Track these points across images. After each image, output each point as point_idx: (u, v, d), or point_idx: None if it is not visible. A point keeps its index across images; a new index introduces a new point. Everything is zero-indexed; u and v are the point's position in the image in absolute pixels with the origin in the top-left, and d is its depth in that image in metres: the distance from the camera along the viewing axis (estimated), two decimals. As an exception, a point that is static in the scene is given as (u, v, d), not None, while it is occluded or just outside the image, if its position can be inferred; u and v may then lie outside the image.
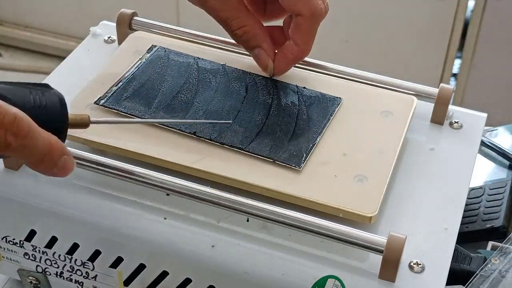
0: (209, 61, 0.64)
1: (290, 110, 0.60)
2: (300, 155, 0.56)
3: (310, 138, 0.57)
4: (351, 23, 1.71)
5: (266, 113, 0.59)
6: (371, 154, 0.57)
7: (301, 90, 0.62)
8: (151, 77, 0.62)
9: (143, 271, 0.55)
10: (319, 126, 0.59)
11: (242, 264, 0.52)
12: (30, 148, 0.46)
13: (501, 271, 0.59)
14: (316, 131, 0.58)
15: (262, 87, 0.62)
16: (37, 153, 0.46)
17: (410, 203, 0.56)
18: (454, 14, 1.63)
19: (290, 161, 0.55)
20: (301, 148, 0.56)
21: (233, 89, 0.61)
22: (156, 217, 0.54)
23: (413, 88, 0.64)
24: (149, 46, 0.65)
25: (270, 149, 0.56)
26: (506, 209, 0.67)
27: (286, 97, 0.61)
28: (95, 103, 0.60)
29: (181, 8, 1.82)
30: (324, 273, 0.51)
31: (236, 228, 0.54)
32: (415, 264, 0.52)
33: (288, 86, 0.62)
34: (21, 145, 0.45)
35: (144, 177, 0.54)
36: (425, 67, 1.72)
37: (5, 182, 0.57)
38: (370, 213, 0.52)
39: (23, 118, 0.45)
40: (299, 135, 0.58)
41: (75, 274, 0.58)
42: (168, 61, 0.64)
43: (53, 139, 0.47)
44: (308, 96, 0.61)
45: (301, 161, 0.55)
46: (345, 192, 0.54)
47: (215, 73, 0.63)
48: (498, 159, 0.73)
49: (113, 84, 0.61)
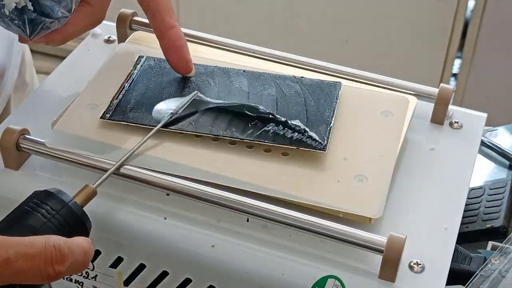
0: (200, 65, 0.64)
1: (297, 99, 0.60)
2: (321, 138, 0.56)
3: (325, 121, 0.58)
4: (351, 23, 1.71)
5: (275, 106, 0.59)
6: (371, 154, 0.57)
7: (300, 79, 0.62)
8: (149, 86, 0.61)
9: (143, 271, 0.55)
10: (330, 109, 0.59)
11: (242, 264, 0.52)
12: (75, 265, 0.46)
13: (501, 271, 0.59)
14: (329, 115, 0.59)
15: (262, 82, 0.62)
16: (81, 264, 0.47)
17: (410, 203, 0.56)
18: (454, 14, 1.63)
19: (315, 147, 0.56)
20: (320, 132, 0.57)
21: (234, 87, 0.61)
22: (156, 217, 0.54)
23: (413, 88, 0.64)
24: (136, 57, 0.64)
25: (291, 139, 0.56)
26: (506, 209, 0.67)
27: (288, 88, 0.61)
28: (101, 118, 0.58)
29: (181, 8, 1.82)
30: (324, 273, 0.51)
31: (236, 228, 0.54)
32: (415, 264, 0.52)
33: (287, 78, 0.62)
34: (68, 267, 0.45)
35: (144, 177, 0.54)
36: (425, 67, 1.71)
37: (5, 182, 0.57)
38: (373, 215, 0.52)
39: (60, 243, 0.45)
40: (313, 121, 0.58)
41: (75, 274, 0.58)
42: (161, 69, 0.63)
43: (86, 245, 0.47)
44: (309, 84, 0.62)
45: (324, 145, 0.56)
46: (345, 193, 0.54)
47: (211, 74, 0.62)
48: (498, 159, 0.73)
49: (113, 97, 0.60)
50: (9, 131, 0.57)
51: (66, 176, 0.57)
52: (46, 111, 0.62)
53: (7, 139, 0.56)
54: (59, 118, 0.59)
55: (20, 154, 0.57)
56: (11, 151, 0.57)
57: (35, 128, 0.58)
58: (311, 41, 1.70)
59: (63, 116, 0.59)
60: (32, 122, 0.59)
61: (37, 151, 0.56)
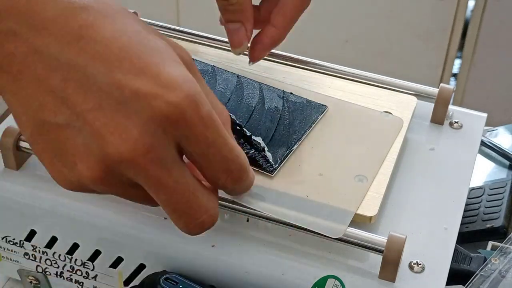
0: (199, 61, 0.63)
1: (273, 115, 0.59)
2: (275, 161, 0.54)
3: (289, 144, 0.56)
4: (351, 23, 1.71)
5: (248, 117, 0.58)
6: (371, 154, 0.57)
7: (288, 95, 0.61)
8: None
9: (143, 271, 0.55)
10: (300, 133, 0.57)
11: (242, 264, 0.52)
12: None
13: (501, 271, 0.59)
14: (296, 138, 0.57)
15: (249, 90, 0.61)
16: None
17: (410, 203, 0.56)
18: (454, 14, 1.63)
19: (265, 168, 0.54)
20: (277, 154, 0.55)
21: (217, 90, 0.60)
22: (156, 217, 0.54)
23: (413, 88, 0.64)
24: None
25: (245, 155, 0.50)
26: (506, 209, 0.67)
27: (271, 101, 0.60)
28: None
29: (181, 8, 1.82)
30: (324, 273, 0.51)
31: (236, 228, 0.54)
32: (415, 264, 0.52)
33: (275, 90, 0.61)
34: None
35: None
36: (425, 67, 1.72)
37: (5, 182, 0.57)
38: (370, 214, 0.52)
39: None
40: (277, 141, 0.56)
41: (75, 274, 0.58)
42: None
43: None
44: (293, 102, 0.60)
45: (274, 168, 0.54)
46: (345, 192, 0.54)
47: (204, 74, 0.62)
48: (498, 159, 0.73)
49: None
50: (9, 131, 0.57)
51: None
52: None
53: (7, 139, 0.56)
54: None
55: (20, 154, 0.57)
56: (11, 151, 0.57)
57: (35, 128, 0.58)
58: (311, 41, 1.70)
59: None
60: (32, 122, 0.59)
61: (37, 151, 0.56)
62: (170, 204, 0.41)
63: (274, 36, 0.59)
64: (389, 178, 0.55)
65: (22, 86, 0.40)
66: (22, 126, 0.41)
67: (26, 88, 0.40)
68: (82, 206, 0.55)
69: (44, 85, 0.39)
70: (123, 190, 0.42)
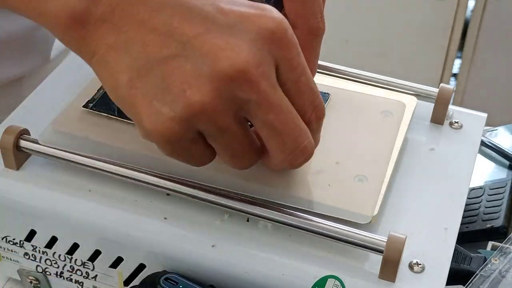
0: None
1: None
2: None
3: None
4: (351, 23, 1.71)
5: None
6: (371, 154, 0.57)
7: None
8: None
9: (143, 271, 0.55)
10: None
11: (242, 264, 0.52)
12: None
13: (501, 271, 0.59)
14: None
15: None
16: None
17: (410, 203, 0.56)
18: (454, 14, 1.63)
19: None
20: None
21: None
22: (156, 217, 0.54)
23: (413, 88, 0.64)
24: None
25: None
26: (506, 209, 0.67)
27: None
28: (84, 107, 0.59)
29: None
30: (324, 273, 0.51)
31: (236, 228, 0.54)
32: (415, 264, 0.52)
33: None
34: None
35: (144, 177, 0.54)
36: (425, 67, 1.72)
37: (5, 182, 0.57)
38: (370, 214, 0.52)
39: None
40: None
41: (75, 274, 0.58)
42: None
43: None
44: None
45: None
46: (345, 192, 0.54)
47: None
48: (498, 159, 0.73)
49: (101, 87, 0.60)
50: (9, 131, 0.57)
51: (66, 176, 0.57)
52: (46, 111, 0.62)
53: (7, 139, 0.56)
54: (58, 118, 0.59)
55: (20, 154, 0.57)
56: (11, 151, 0.57)
57: (35, 128, 0.58)
58: (311, 41, 1.70)
59: (60, 115, 0.59)
60: (32, 122, 0.59)
61: (37, 151, 0.56)
62: (278, 125, 0.42)
63: None
64: (389, 178, 0.55)
65: (123, 31, 0.41)
66: (119, 76, 0.42)
67: (126, 32, 0.41)
68: (82, 206, 0.55)
69: (146, 26, 0.41)
70: (224, 125, 0.42)
